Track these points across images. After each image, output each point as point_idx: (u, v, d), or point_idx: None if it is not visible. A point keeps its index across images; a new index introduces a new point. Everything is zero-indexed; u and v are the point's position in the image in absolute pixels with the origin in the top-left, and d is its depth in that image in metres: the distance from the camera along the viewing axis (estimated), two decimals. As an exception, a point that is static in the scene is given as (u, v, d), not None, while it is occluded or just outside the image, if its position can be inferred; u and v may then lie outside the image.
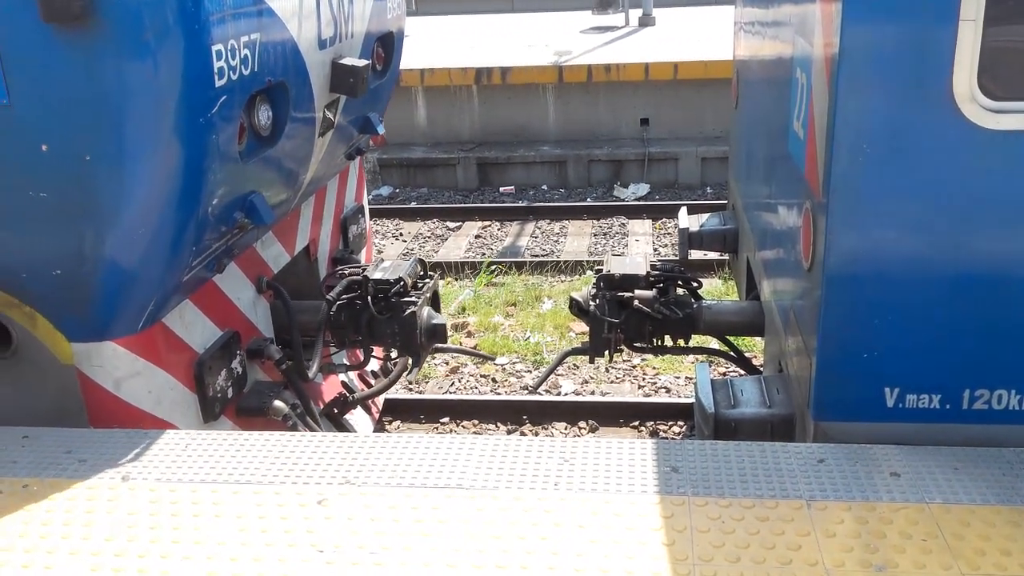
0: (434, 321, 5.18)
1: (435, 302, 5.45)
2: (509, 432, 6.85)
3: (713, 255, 9.46)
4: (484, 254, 10.91)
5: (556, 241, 11.34)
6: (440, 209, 12.50)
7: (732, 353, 5.58)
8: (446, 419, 7.01)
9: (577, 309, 5.20)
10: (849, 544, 2.78)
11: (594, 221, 11.94)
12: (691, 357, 7.56)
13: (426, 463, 3.29)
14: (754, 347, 7.52)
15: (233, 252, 4.27)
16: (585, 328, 5.23)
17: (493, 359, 6.93)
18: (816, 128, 3.31)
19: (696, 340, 5.26)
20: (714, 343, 5.69)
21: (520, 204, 12.74)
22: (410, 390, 7.48)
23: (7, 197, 3.45)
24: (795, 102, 3.80)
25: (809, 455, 3.25)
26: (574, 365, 7.74)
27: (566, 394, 7.33)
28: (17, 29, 3.15)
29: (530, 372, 7.74)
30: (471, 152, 14.01)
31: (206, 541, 2.92)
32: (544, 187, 13.79)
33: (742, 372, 5.92)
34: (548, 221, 12.05)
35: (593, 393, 7.35)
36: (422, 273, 5.41)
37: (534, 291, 9.41)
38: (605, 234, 11.46)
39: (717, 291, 9.14)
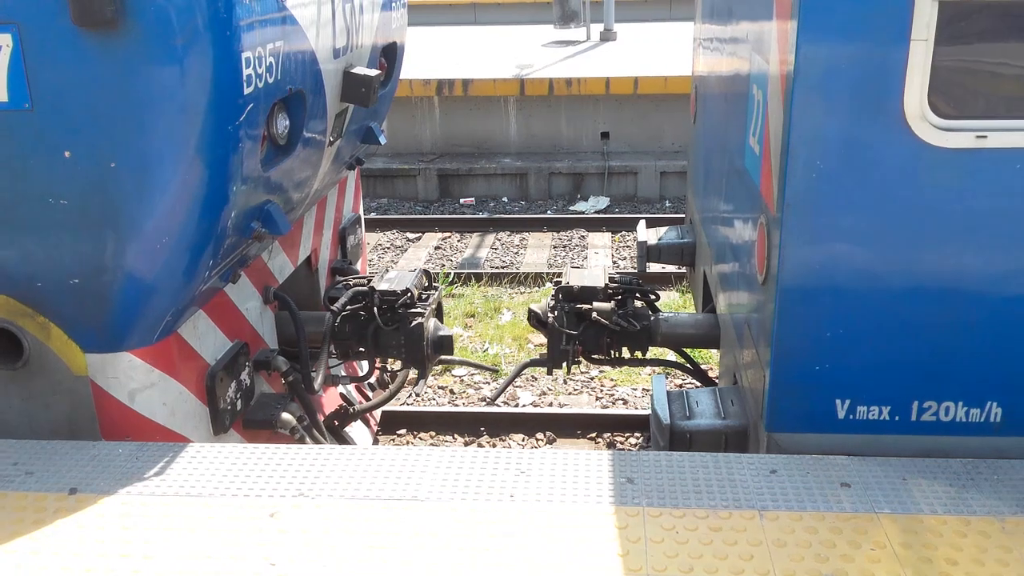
0: (441, 332, 5.14)
1: (439, 313, 5.41)
2: (467, 444, 6.84)
3: (671, 268, 9.55)
4: (444, 265, 10.90)
5: (516, 253, 11.36)
6: (400, 220, 12.47)
7: (688, 365, 5.62)
8: (403, 431, 6.97)
9: (536, 321, 5.21)
10: (800, 554, 2.81)
11: (554, 233, 11.98)
12: (648, 369, 7.61)
13: (381, 475, 3.27)
14: (710, 359, 7.59)
15: (246, 262, 4.23)
16: (544, 340, 5.25)
17: (497, 371, 6.92)
18: (771, 144, 3.36)
19: (653, 352, 5.30)
20: (671, 355, 5.74)
21: (480, 216, 12.75)
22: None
23: (25, 204, 3.37)
24: (751, 118, 3.85)
25: (762, 466, 3.28)
26: (532, 377, 7.75)
27: (524, 406, 7.34)
28: (42, 32, 3.10)
29: (488, 384, 7.73)
30: (432, 163, 14.00)
31: (156, 555, 2.87)
32: (505, 199, 13.82)
33: (698, 384, 5.97)
34: (508, 233, 12.07)
35: (551, 405, 7.36)
36: (427, 284, 5.38)
37: (493, 303, 9.41)
38: (565, 246, 11.51)
39: (675, 304, 9.22)
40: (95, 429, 3.75)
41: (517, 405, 7.36)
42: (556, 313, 5.06)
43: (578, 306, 5.05)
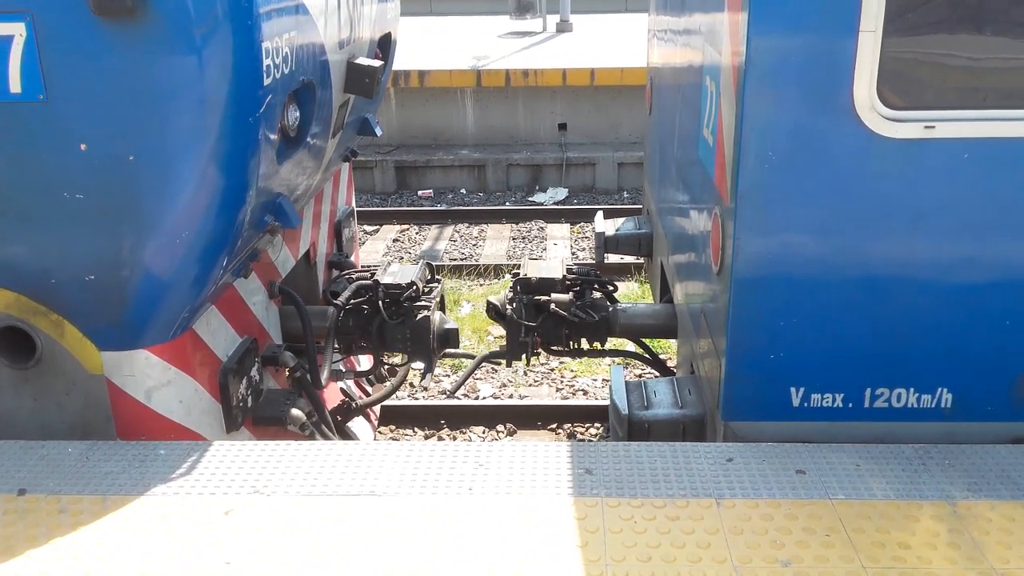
0: (447, 326, 5.09)
1: (442, 306, 5.38)
2: (427, 437, 6.82)
3: (629, 259, 9.58)
4: (402, 258, 10.85)
5: (475, 245, 11.34)
6: (357, 212, 12.36)
7: (647, 355, 5.65)
8: (363, 425, 6.93)
9: (495, 313, 5.20)
10: (756, 541, 2.84)
11: (513, 225, 11.98)
12: (608, 360, 7.64)
13: (338, 471, 3.25)
14: (669, 349, 7.64)
15: (257, 256, 4.18)
16: (503, 332, 5.25)
17: (501, 363, 6.89)
18: (724, 135, 3.38)
19: (612, 343, 5.32)
20: (630, 346, 5.77)
21: (438, 208, 12.70)
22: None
23: (39, 199, 3.27)
24: (705, 109, 3.87)
25: (719, 455, 3.31)
26: (493, 369, 7.75)
27: (484, 398, 7.34)
28: (58, 21, 3.02)
29: (448, 376, 7.71)
30: (388, 155, 13.91)
31: (108, 556, 2.82)
32: (463, 191, 13.79)
33: (657, 374, 6.01)
34: (467, 225, 12.05)
35: (511, 397, 7.36)
36: (429, 277, 5.34)
37: (452, 295, 9.39)
38: (524, 238, 11.51)
39: (633, 294, 9.27)
40: (110, 429, 3.67)
41: (477, 397, 7.35)
42: (514, 305, 5.05)
43: (536, 298, 5.05)
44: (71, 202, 3.27)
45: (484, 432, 6.86)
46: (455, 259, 10.80)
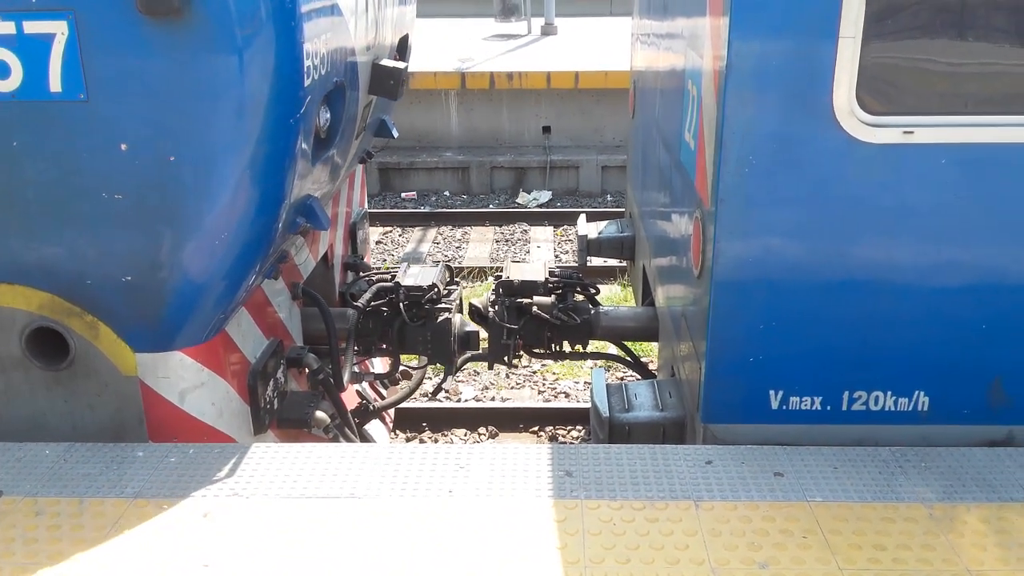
0: (467, 328, 5.09)
1: (460, 309, 5.37)
2: (408, 439, 6.81)
3: (612, 262, 9.61)
4: (385, 260, 10.83)
5: (458, 247, 11.33)
6: (341, 214, 12.34)
7: (628, 358, 5.67)
8: (345, 427, 6.91)
9: (477, 315, 5.21)
10: (734, 543, 2.85)
11: (496, 227, 11.98)
12: (590, 362, 7.65)
13: (317, 473, 3.24)
14: (650, 352, 7.66)
15: (285, 258, 4.17)
16: (486, 334, 5.25)
17: (515, 367, 6.88)
18: (705, 139, 3.40)
19: (594, 345, 5.33)
20: (612, 348, 5.78)
21: (422, 210, 12.69)
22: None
23: (78, 199, 3.25)
24: (686, 113, 3.89)
25: (698, 457, 3.33)
26: (475, 371, 7.75)
27: (466, 400, 7.33)
28: (101, 20, 3.00)
29: (429, 379, 7.70)
30: (372, 157, 13.88)
31: (85, 558, 2.81)
32: (446, 193, 13.78)
33: (638, 376, 6.03)
34: (450, 227, 12.04)
35: (493, 399, 7.36)
36: (449, 279, 5.33)
37: (435, 297, 9.37)
38: (507, 240, 11.52)
39: (616, 297, 9.29)
40: (142, 431, 3.64)
41: (459, 400, 7.35)
42: (497, 308, 5.06)
43: (519, 300, 5.06)
44: (110, 202, 3.25)
45: (466, 434, 6.85)
46: (438, 261, 10.78)
